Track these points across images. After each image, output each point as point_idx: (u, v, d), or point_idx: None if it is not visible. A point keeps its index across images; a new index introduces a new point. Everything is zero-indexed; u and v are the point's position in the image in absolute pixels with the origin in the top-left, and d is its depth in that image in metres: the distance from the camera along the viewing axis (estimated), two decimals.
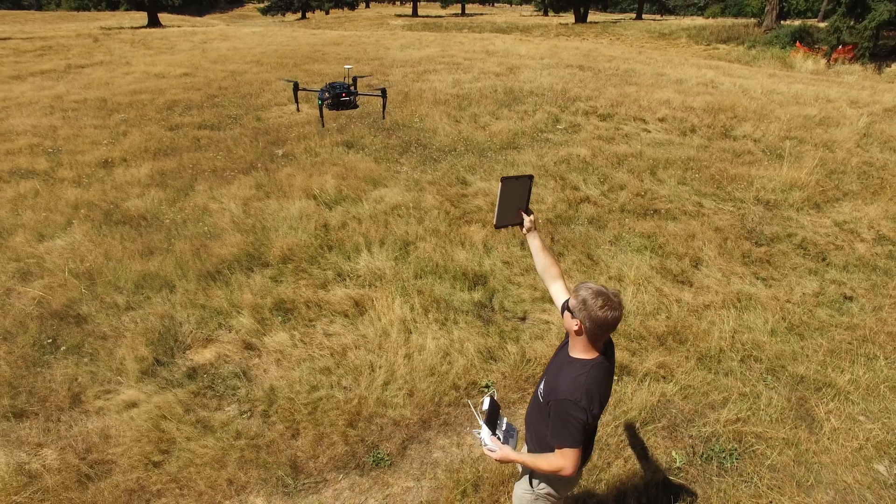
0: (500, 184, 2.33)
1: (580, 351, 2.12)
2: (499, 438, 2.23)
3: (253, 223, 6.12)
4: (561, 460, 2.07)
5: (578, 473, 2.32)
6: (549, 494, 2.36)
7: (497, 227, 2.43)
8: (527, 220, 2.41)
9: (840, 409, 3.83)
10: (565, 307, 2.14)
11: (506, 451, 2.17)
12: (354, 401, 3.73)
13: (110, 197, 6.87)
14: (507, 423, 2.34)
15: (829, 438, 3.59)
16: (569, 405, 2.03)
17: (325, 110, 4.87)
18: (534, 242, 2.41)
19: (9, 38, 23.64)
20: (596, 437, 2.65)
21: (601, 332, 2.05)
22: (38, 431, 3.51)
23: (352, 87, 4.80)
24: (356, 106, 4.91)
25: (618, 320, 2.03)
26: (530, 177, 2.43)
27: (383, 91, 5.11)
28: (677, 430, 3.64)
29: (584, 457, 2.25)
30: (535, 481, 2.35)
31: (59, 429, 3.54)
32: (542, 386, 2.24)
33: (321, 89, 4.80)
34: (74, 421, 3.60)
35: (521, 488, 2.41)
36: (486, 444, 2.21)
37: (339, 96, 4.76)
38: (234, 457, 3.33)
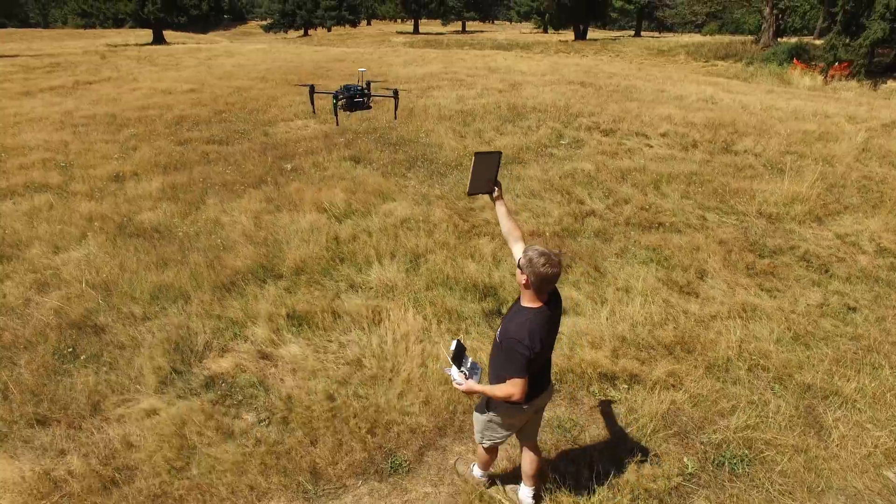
0: (473, 157, 2.65)
1: (528, 301, 2.56)
2: (464, 374, 2.63)
3: (265, 236, 6.23)
4: (511, 388, 2.50)
5: (528, 406, 2.70)
6: (500, 418, 2.81)
7: (469, 194, 2.79)
8: (496, 190, 2.82)
9: (848, 417, 3.90)
10: (518, 264, 2.54)
11: (470, 384, 2.61)
12: (371, 409, 3.80)
13: (123, 210, 6.98)
14: (472, 362, 2.73)
15: (837, 445, 3.66)
16: (515, 343, 2.47)
17: (341, 111, 5.05)
18: (500, 209, 2.83)
19: (17, 56, 24.02)
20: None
21: (543, 285, 2.48)
22: (61, 438, 3.57)
23: (365, 90, 4.94)
24: (369, 107, 5.11)
25: (557, 276, 2.46)
26: (499, 153, 2.79)
27: (395, 92, 5.28)
28: (688, 437, 3.70)
29: (535, 389, 2.67)
30: (490, 408, 2.81)
31: (80, 436, 3.60)
32: (499, 331, 2.65)
33: (336, 91, 4.94)
34: (96, 428, 3.66)
35: (480, 413, 2.89)
36: (454, 379, 2.63)
37: (353, 97, 4.91)
38: (255, 463, 3.39)
